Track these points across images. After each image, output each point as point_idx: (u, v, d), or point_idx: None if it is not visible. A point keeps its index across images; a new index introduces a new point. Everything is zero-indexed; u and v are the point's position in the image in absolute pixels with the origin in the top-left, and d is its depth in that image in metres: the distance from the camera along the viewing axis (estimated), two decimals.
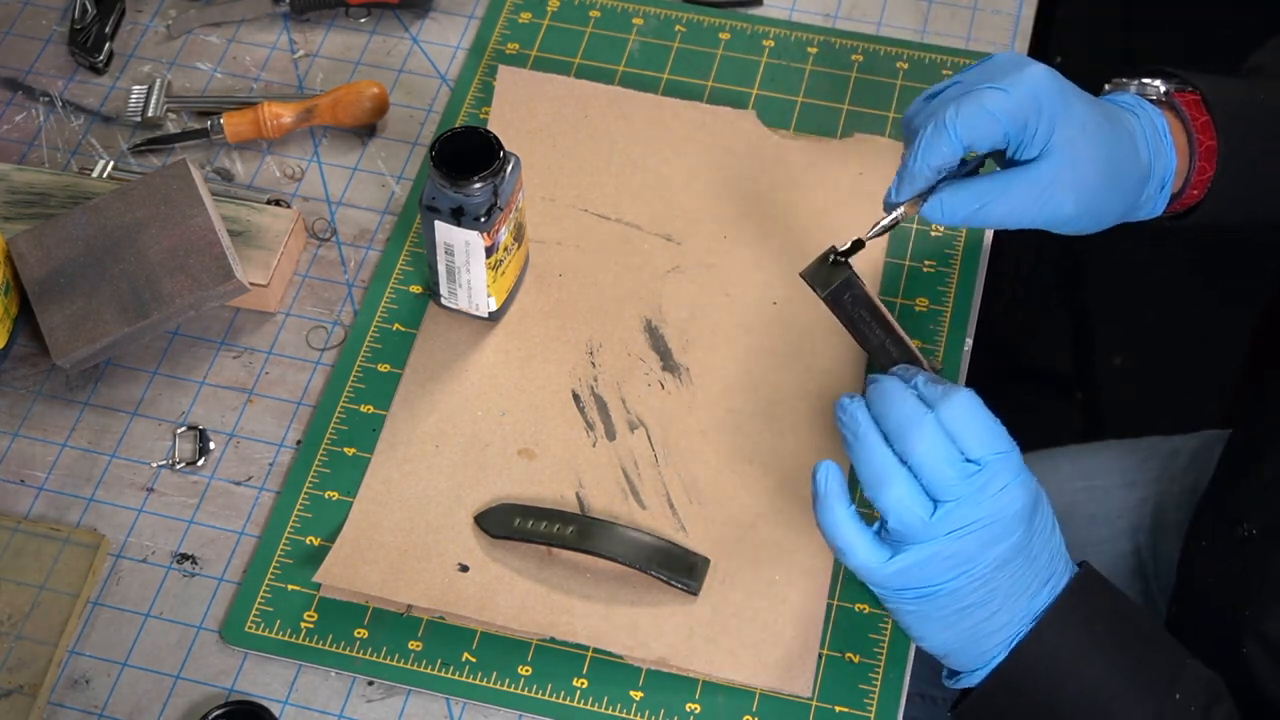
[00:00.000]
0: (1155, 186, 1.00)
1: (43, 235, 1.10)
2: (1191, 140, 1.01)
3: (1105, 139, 0.96)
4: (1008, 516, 0.85)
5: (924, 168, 0.94)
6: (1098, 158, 0.95)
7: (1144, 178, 0.99)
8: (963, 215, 0.96)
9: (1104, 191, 0.97)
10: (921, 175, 0.95)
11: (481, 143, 1.02)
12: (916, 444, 0.85)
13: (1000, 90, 0.93)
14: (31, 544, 1.03)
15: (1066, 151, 0.94)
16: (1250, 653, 0.96)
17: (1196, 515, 1.14)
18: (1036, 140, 0.94)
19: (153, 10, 1.28)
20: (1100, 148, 0.96)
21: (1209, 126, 1.01)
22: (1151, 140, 0.99)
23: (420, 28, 1.27)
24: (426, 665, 0.98)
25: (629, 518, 1.03)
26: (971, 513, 0.84)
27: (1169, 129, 1.00)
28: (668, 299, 1.12)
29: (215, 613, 1.01)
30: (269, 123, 1.18)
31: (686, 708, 0.97)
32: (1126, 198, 0.99)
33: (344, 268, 1.15)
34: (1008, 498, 0.85)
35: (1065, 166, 0.94)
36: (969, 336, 1.11)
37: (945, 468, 0.84)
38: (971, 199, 0.95)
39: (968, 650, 0.89)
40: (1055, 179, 0.95)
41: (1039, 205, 0.95)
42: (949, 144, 0.93)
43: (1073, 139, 0.94)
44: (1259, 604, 0.97)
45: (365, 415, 1.07)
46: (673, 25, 1.26)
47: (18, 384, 1.10)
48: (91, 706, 0.98)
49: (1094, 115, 0.96)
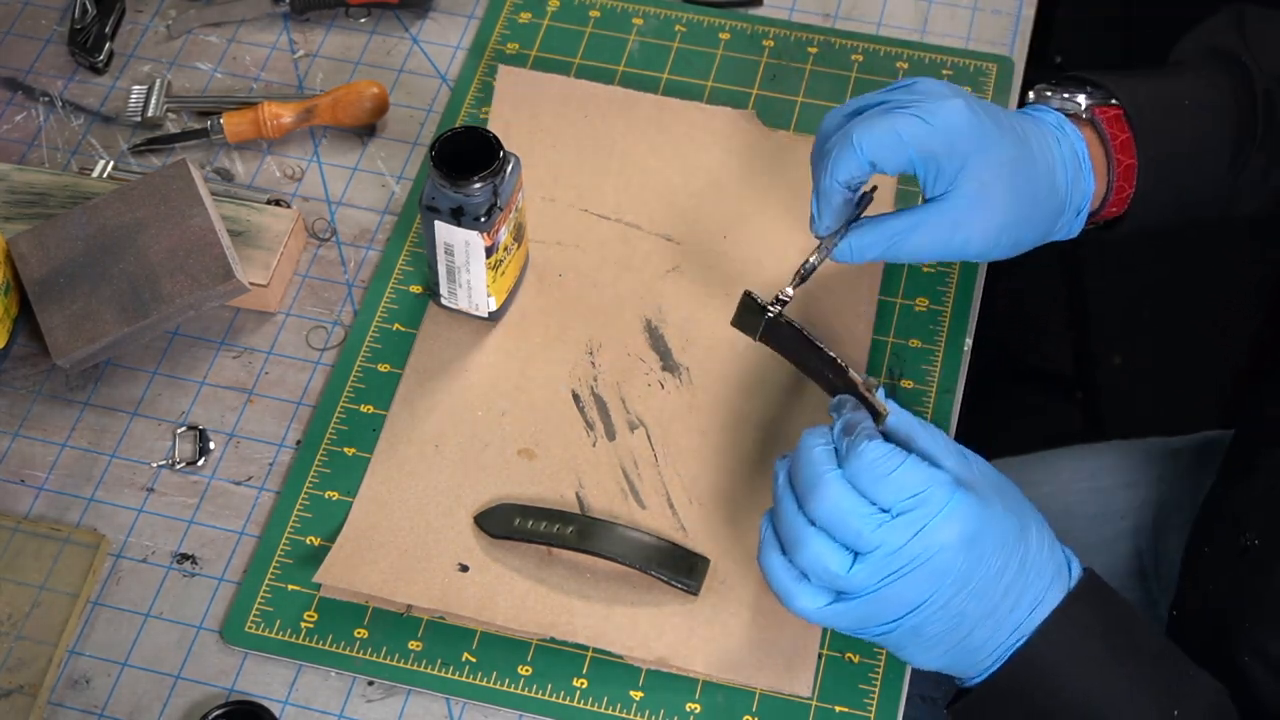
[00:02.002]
0: (1071, 214, 1.01)
1: (43, 235, 1.10)
2: (1110, 161, 1.02)
3: (1021, 177, 0.97)
4: (938, 551, 0.84)
5: (833, 183, 0.96)
6: (1009, 199, 0.97)
7: (1060, 208, 1.00)
8: (873, 254, 0.99)
9: (1015, 227, 0.98)
10: (835, 192, 0.97)
11: (481, 143, 1.02)
12: (820, 503, 0.85)
13: (916, 119, 0.94)
14: (31, 544, 1.03)
15: (976, 193, 0.96)
16: (1249, 665, 0.96)
17: (1198, 519, 1.14)
18: (944, 177, 0.96)
19: (153, 10, 1.28)
20: (1014, 189, 0.97)
21: (1129, 145, 1.01)
22: (1070, 168, 1.00)
23: (420, 28, 1.27)
24: (426, 665, 0.98)
25: (629, 518, 1.03)
26: (897, 559, 0.84)
27: (1088, 153, 1.01)
28: (668, 299, 1.12)
29: (215, 613, 1.01)
30: (269, 123, 1.18)
31: (686, 708, 0.97)
32: (1040, 227, 1.00)
33: (344, 268, 1.15)
34: (932, 536, 0.84)
35: (975, 206, 0.96)
36: (969, 336, 1.11)
37: (852, 521, 0.84)
38: (880, 239, 0.98)
39: (956, 666, 0.89)
40: (964, 218, 0.96)
41: (947, 242, 0.97)
42: (856, 161, 0.95)
43: (985, 182, 0.96)
44: (1258, 619, 0.97)
45: (365, 415, 1.07)
46: (673, 25, 1.26)
47: (18, 384, 1.10)
48: (91, 706, 0.98)
49: (1010, 153, 0.96)
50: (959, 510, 0.84)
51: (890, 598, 0.85)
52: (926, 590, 0.85)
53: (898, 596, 0.85)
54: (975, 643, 0.87)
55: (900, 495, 0.84)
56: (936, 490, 0.84)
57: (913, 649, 0.88)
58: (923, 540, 0.84)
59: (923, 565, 0.84)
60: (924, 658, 0.89)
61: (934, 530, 0.84)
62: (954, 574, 0.85)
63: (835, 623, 0.87)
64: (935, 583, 0.85)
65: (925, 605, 0.85)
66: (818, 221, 0.99)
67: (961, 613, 0.86)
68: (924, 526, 0.84)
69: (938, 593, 0.85)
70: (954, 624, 0.86)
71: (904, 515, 0.84)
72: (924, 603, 0.85)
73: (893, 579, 0.84)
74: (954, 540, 0.84)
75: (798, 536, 0.86)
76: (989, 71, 1.22)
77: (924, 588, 0.85)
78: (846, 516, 0.84)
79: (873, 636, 0.88)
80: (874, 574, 0.84)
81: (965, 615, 0.86)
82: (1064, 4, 1.99)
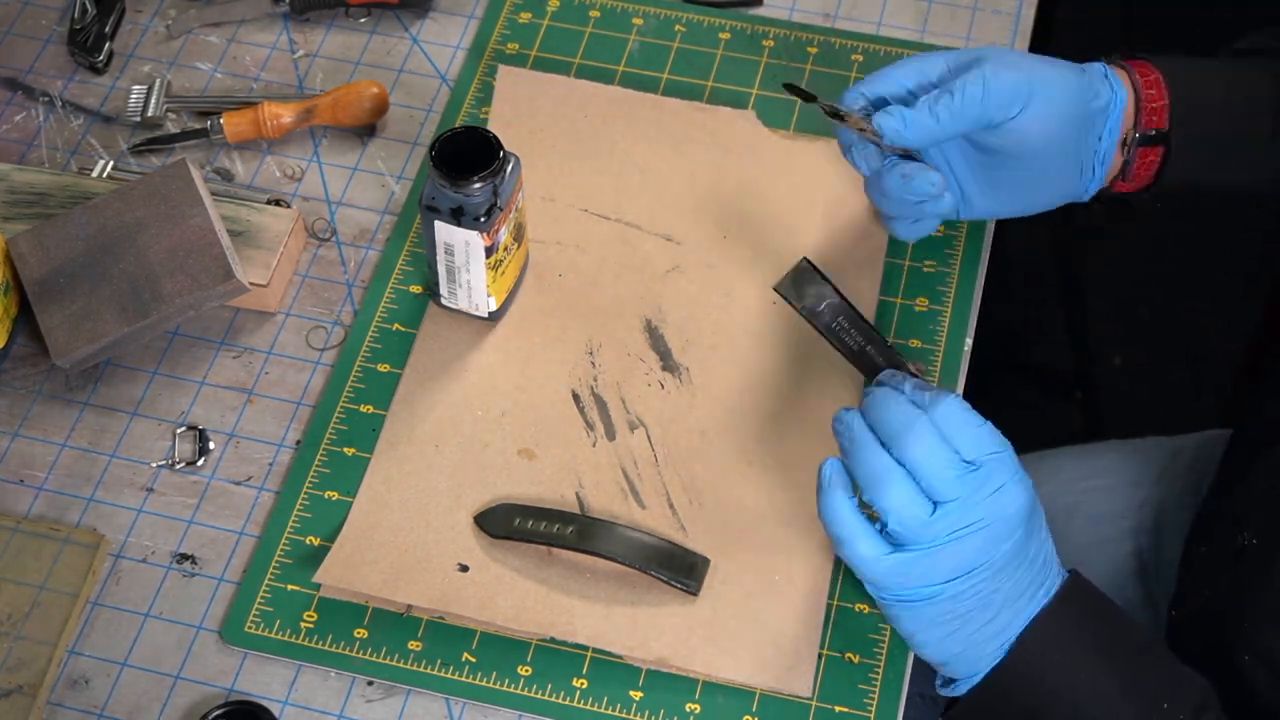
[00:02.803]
0: (1101, 125, 1.02)
1: (43, 235, 1.10)
2: (1137, 87, 1.03)
3: (1048, 63, 1.00)
4: (1007, 516, 0.85)
5: (857, 93, 1.01)
6: (1037, 64, 1.00)
7: (1087, 115, 1.02)
8: (918, 132, 0.99)
9: (1047, 110, 1.00)
10: (854, 98, 1.01)
11: (481, 143, 1.02)
12: (913, 446, 0.85)
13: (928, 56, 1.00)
14: (31, 544, 1.03)
15: (1005, 54, 0.99)
16: (1248, 664, 0.96)
17: (1197, 519, 1.14)
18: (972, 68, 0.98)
19: (153, 10, 1.28)
20: (1042, 61, 1.00)
21: (1159, 84, 1.03)
22: (1097, 76, 1.02)
23: (420, 28, 1.27)
24: (426, 665, 0.98)
25: (629, 518, 1.03)
26: (971, 513, 0.84)
27: (1114, 72, 1.03)
28: (668, 299, 1.12)
29: (215, 613, 1.01)
30: (269, 123, 1.18)
31: (686, 708, 0.97)
32: (1070, 132, 1.01)
33: (344, 268, 1.15)
34: (1006, 497, 0.85)
35: (1006, 66, 0.98)
36: (969, 336, 1.11)
37: (943, 468, 0.84)
38: (929, 115, 0.98)
39: (966, 656, 0.89)
40: (993, 81, 0.98)
41: (982, 114, 0.98)
42: (932, 63, 1.00)
43: (1012, 58, 0.99)
44: (1257, 619, 0.97)
45: (365, 415, 1.07)
46: (673, 25, 1.26)
47: (18, 384, 1.10)
48: (91, 706, 0.98)
49: (1031, 59, 1.00)
50: (1027, 480, 0.86)
51: (949, 556, 0.85)
52: (983, 555, 0.85)
53: (957, 556, 0.85)
54: (995, 629, 0.87)
55: (983, 450, 0.85)
56: (1011, 455, 0.86)
57: (934, 629, 0.87)
58: (998, 500, 0.84)
59: (988, 527, 0.85)
60: (939, 643, 0.88)
61: (1008, 491, 0.85)
62: (1010, 544, 0.85)
63: (886, 576, 0.86)
64: (992, 549, 0.85)
65: (976, 571, 0.85)
66: (851, 94, 1.02)
67: (996, 590, 0.86)
68: (1001, 486, 0.85)
69: (991, 559, 0.85)
70: (986, 601, 0.86)
71: (983, 470, 0.85)
72: (976, 568, 0.85)
73: (961, 535, 0.84)
74: (1022, 507, 0.85)
75: (885, 477, 0.85)
76: None
77: (982, 551, 0.85)
78: (938, 462, 0.84)
79: (909, 604, 0.87)
80: (949, 525, 0.84)
81: (998, 594, 0.86)
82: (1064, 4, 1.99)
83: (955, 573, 0.85)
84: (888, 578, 0.86)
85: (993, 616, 0.87)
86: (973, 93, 0.97)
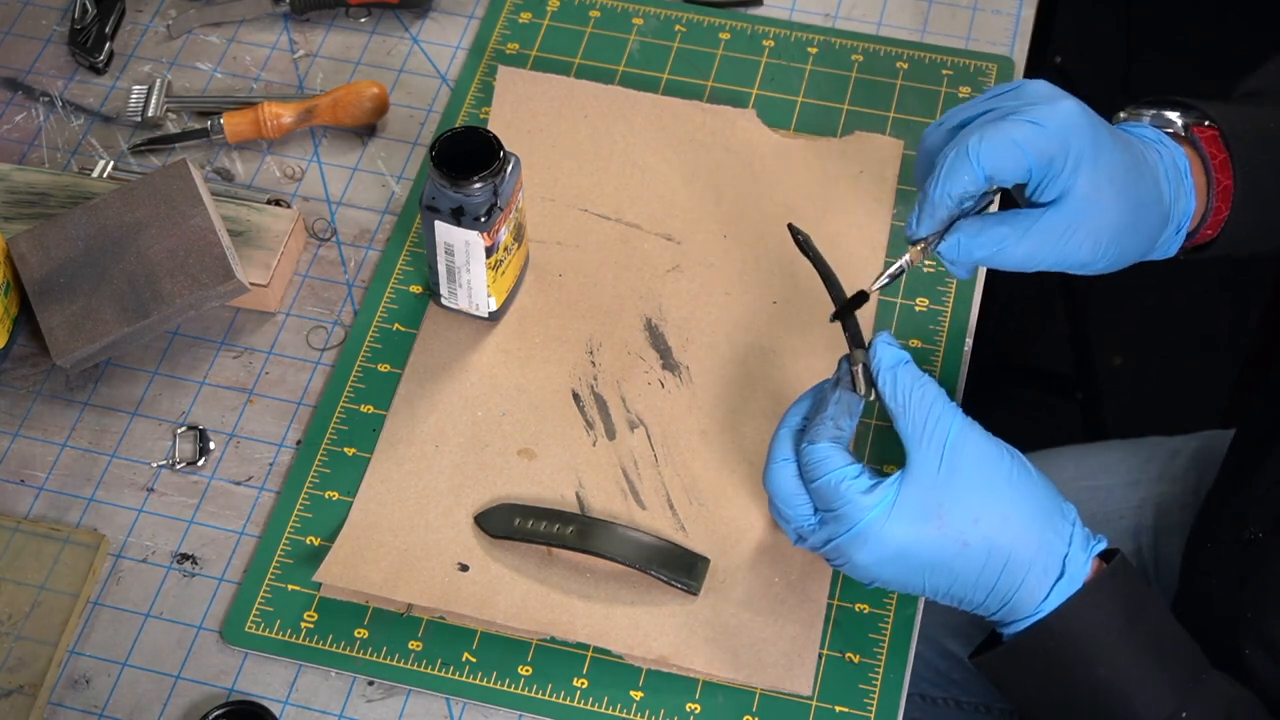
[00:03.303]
0: (1172, 230, 0.98)
1: (43, 235, 1.10)
2: (1210, 180, 0.98)
3: (1131, 184, 0.93)
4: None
5: (945, 196, 0.91)
6: (1121, 206, 0.93)
7: (1164, 220, 0.97)
8: (980, 255, 0.94)
9: (1124, 235, 0.94)
10: (943, 205, 0.92)
11: (481, 143, 1.02)
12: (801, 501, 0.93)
13: (1031, 123, 0.90)
14: (31, 544, 1.03)
15: (1091, 198, 0.92)
16: (1252, 656, 0.96)
17: (1200, 517, 1.14)
18: (1059, 182, 0.91)
19: (153, 10, 1.28)
20: (1124, 195, 0.93)
21: (1226, 165, 0.98)
22: (1173, 182, 0.97)
23: (420, 28, 1.27)
24: (426, 665, 0.98)
25: (629, 518, 1.03)
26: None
27: (1190, 169, 0.98)
28: (668, 298, 1.12)
29: (215, 613, 1.01)
30: (269, 123, 1.18)
31: (686, 708, 0.97)
32: (1144, 243, 0.97)
33: (344, 268, 1.15)
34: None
35: (1087, 213, 0.92)
36: (969, 336, 1.11)
37: (805, 518, 0.92)
38: (990, 241, 0.93)
39: (1014, 598, 0.90)
40: (1076, 225, 0.92)
41: (1057, 250, 0.93)
42: (971, 173, 0.90)
43: (1098, 185, 0.92)
44: (1262, 608, 0.97)
45: (365, 415, 1.07)
46: (673, 25, 1.26)
47: (18, 384, 1.10)
48: (91, 706, 0.98)
49: (1121, 159, 0.93)
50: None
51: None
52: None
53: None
54: (1020, 570, 0.88)
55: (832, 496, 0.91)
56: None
57: (960, 584, 0.89)
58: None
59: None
60: (973, 597, 0.89)
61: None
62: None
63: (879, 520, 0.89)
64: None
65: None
66: (914, 227, 0.94)
67: (994, 546, 0.88)
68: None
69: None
70: (985, 553, 0.88)
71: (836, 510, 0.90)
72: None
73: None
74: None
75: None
76: (989, 72, 1.22)
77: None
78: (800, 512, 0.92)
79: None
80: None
81: (998, 547, 0.88)
82: (1064, 4, 1.99)
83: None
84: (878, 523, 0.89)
85: (1007, 560, 0.88)
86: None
